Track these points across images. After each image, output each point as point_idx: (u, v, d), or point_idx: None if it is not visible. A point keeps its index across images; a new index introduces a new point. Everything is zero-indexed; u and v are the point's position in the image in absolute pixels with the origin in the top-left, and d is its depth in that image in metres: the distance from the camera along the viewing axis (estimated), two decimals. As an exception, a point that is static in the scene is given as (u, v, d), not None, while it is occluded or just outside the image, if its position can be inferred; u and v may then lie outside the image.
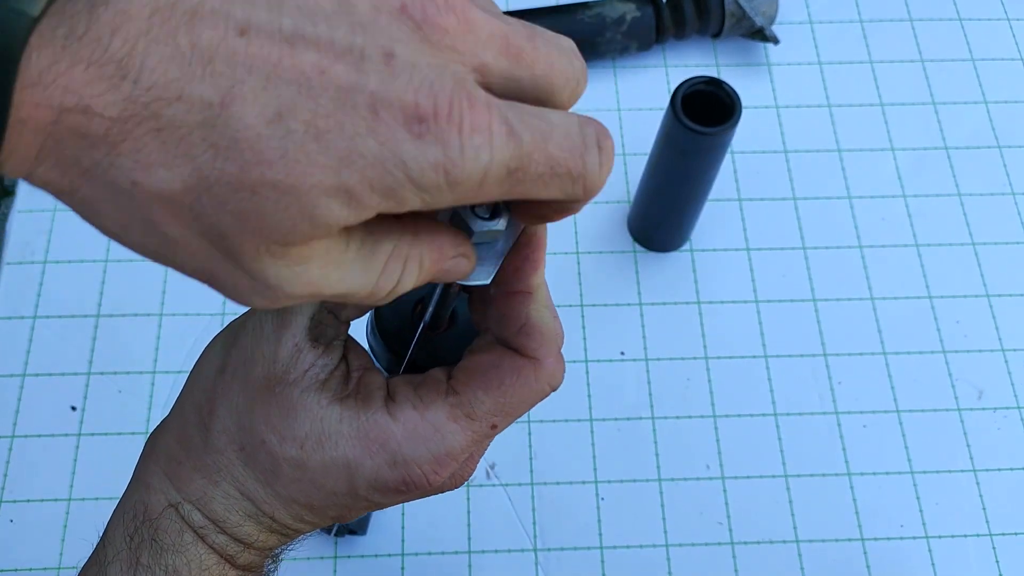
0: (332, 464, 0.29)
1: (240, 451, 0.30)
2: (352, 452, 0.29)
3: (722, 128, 0.59)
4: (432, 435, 0.30)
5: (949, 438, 0.67)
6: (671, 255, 0.73)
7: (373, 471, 0.30)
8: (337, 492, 0.30)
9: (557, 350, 0.32)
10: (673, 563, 0.63)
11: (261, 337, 0.30)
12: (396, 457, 0.29)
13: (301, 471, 0.30)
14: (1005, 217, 0.75)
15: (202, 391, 0.31)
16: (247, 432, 0.30)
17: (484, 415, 0.30)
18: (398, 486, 0.30)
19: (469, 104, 0.22)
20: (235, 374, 0.30)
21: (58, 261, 0.71)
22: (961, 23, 0.84)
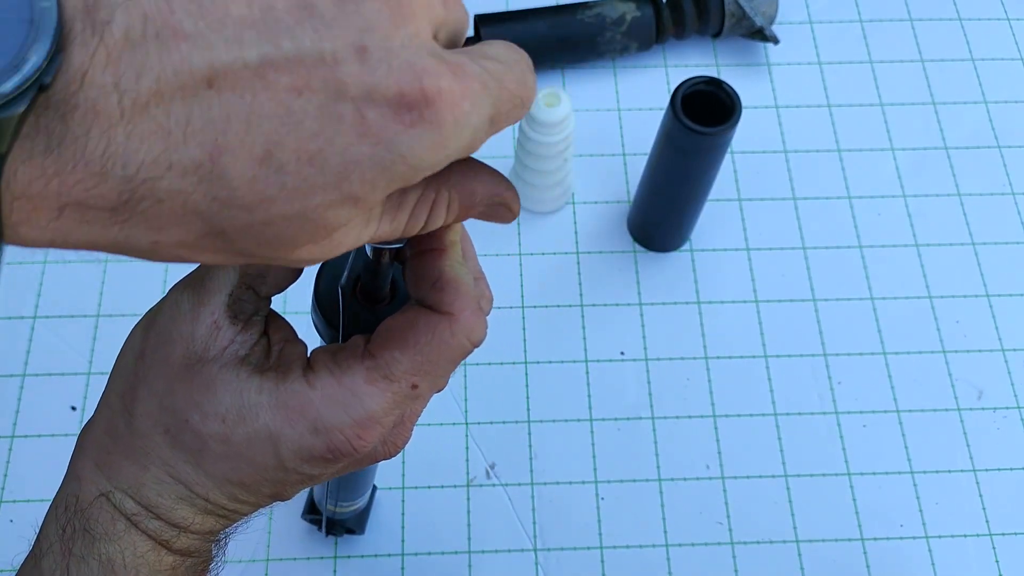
0: (255, 436, 0.29)
1: (165, 433, 0.30)
2: (273, 422, 0.29)
3: (722, 128, 0.59)
4: (350, 399, 0.29)
5: (949, 438, 0.67)
6: (671, 255, 0.73)
7: (296, 440, 0.29)
8: (265, 466, 0.30)
9: (475, 305, 0.30)
10: (673, 563, 0.63)
11: (178, 316, 0.30)
12: (317, 424, 0.29)
13: (226, 446, 0.29)
14: (1005, 217, 0.75)
15: (123, 379, 0.31)
16: (170, 413, 0.30)
17: (402, 375, 0.30)
18: (323, 454, 0.30)
19: (451, 74, 0.22)
20: (154, 356, 0.30)
21: (58, 261, 0.71)
22: (961, 23, 0.84)
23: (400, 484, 0.64)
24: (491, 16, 0.76)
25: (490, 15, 0.76)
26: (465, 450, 0.66)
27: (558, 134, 0.66)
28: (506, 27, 0.75)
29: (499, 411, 0.67)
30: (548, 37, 0.76)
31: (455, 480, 0.65)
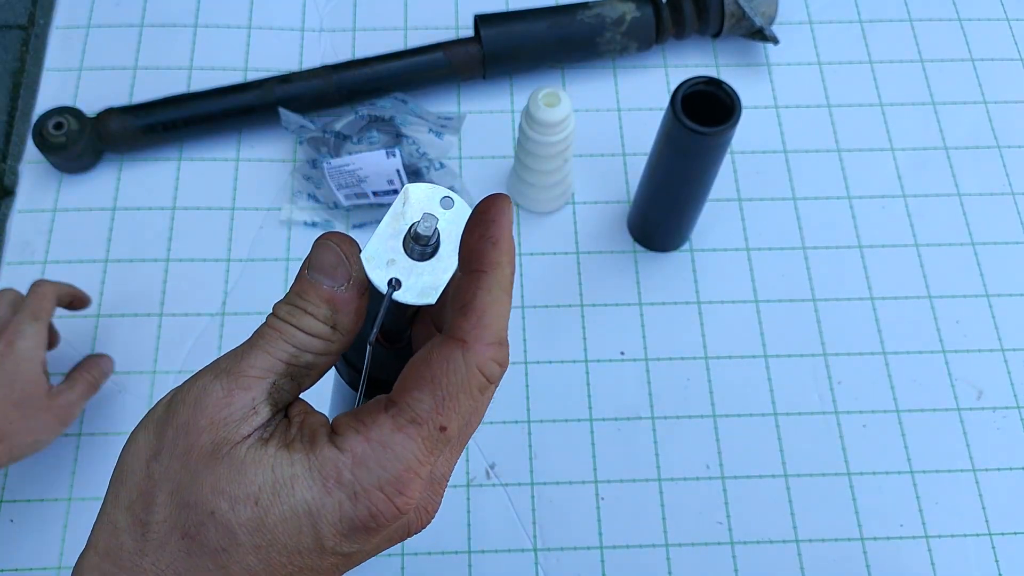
0: (292, 514, 0.28)
1: (184, 538, 0.28)
2: (310, 494, 0.28)
3: (722, 128, 0.59)
4: (382, 453, 0.28)
5: (949, 438, 0.67)
6: (671, 255, 0.73)
7: (335, 510, 0.28)
8: (301, 549, 0.28)
9: (495, 337, 0.29)
10: (673, 563, 0.63)
11: (207, 404, 0.29)
12: (355, 488, 0.28)
13: (259, 533, 0.28)
14: (1005, 217, 0.76)
15: (134, 487, 0.29)
16: (192, 510, 0.28)
17: (427, 416, 0.28)
18: (366, 521, 0.28)
19: None
20: (172, 452, 0.29)
21: (58, 261, 0.71)
22: (961, 23, 0.84)
23: (400, 484, 0.64)
24: (491, 16, 0.76)
25: (490, 15, 0.76)
26: (465, 450, 0.66)
27: (558, 134, 0.66)
28: (506, 27, 0.75)
29: (499, 411, 0.67)
30: (548, 37, 0.76)
31: (455, 480, 0.65)
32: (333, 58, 0.79)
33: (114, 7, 0.82)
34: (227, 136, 0.76)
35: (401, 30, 0.82)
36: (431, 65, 0.75)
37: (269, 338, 0.30)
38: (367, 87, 0.75)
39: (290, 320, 0.30)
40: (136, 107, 0.74)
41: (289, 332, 0.30)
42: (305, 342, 0.30)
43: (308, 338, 0.30)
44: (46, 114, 0.72)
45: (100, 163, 0.75)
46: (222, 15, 0.81)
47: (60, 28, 0.81)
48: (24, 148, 0.76)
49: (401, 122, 0.73)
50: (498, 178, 0.75)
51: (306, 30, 0.81)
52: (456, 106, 0.78)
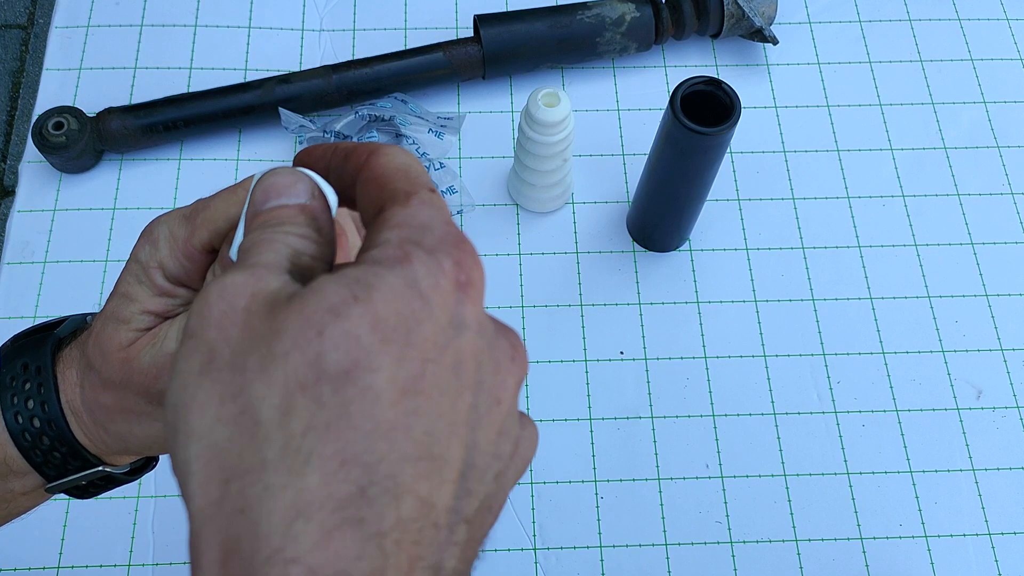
0: (393, 291, 0.24)
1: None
2: (394, 269, 0.25)
3: (721, 128, 0.59)
4: (431, 207, 0.26)
5: (948, 437, 0.67)
6: (670, 255, 0.73)
7: (425, 271, 0.25)
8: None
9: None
10: (672, 562, 0.63)
11: (236, 289, 0.25)
12: (424, 246, 0.25)
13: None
14: (1004, 217, 0.76)
15: (280, 417, 0.24)
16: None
17: (424, 181, 0.27)
18: (455, 275, 0.25)
19: None
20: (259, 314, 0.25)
21: (58, 261, 0.71)
22: (960, 23, 0.84)
23: (400, 483, 0.64)
24: (491, 16, 0.76)
25: (490, 15, 0.76)
26: (465, 450, 0.66)
27: (557, 134, 0.66)
28: (506, 27, 0.76)
29: (499, 411, 0.67)
30: (548, 37, 0.76)
31: (455, 479, 0.65)
32: (333, 58, 0.79)
33: (114, 7, 0.82)
34: (227, 136, 0.76)
35: (401, 30, 0.82)
36: (431, 65, 0.75)
37: (267, 241, 0.27)
38: (367, 87, 0.75)
39: (277, 229, 0.27)
40: (136, 107, 0.74)
41: (279, 235, 0.27)
42: (300, 243, 0.27)
43: (300, 240, 0.27)
44: (46, 114, 0.72)
45: (100, 163, 0.75)
46: (222, 15, 0.81)
47: (60, 28, 0.81)
48: (24, 148, 0.76)
49: (401, 122, 0.73)
50: (498, 178, 0.75)
51: (306, 30, 0.81)
52: (456, 106, 0.79)
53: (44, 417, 0.35)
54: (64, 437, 0.35)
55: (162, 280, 0.34)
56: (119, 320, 0.34)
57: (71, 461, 0.36)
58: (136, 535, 0.62)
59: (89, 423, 0.36)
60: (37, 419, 0.35)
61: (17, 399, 0.35)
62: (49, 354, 0.36)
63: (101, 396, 0.34)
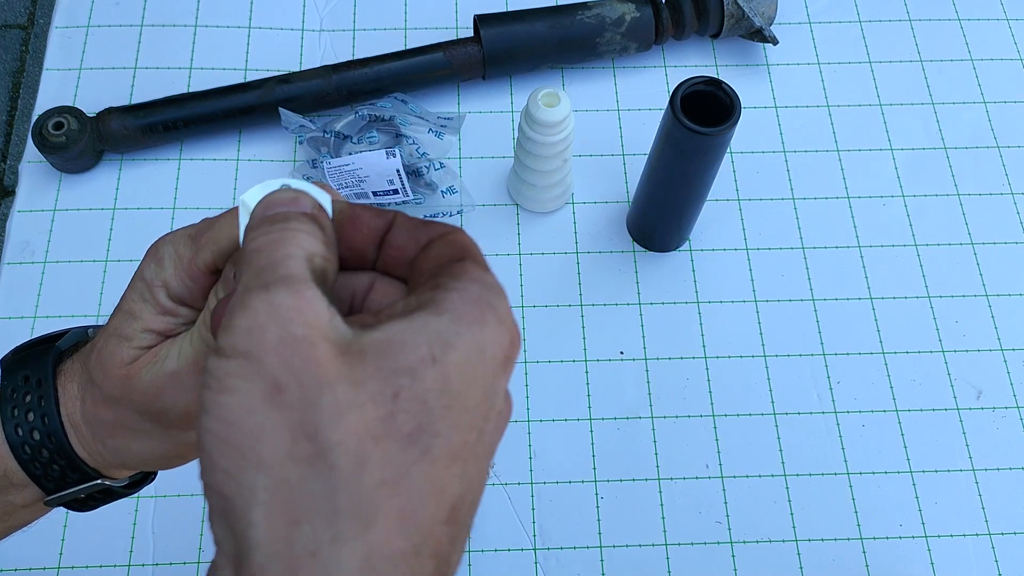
0: (467, 355, 0.26)
1: (377, 443, 0.25)
2: (472, 331, 0.26)
3: (721, 128, 0.59)
4: (486, 281, 0.28)
5: (948, 437, 0.67)
6: (670, 255, 0.73)
7: (495, 337, 0.26)
8: (476, 404, 0.26)
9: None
10: (672, 562, 0.63)
11: (286, 315, 0.25)
12: (497, 313, 0.27)
13: (446, 390, 0.25)
14: (1004, 217, 0.76)
15: (276, 448, 0.24)
16: (369, 406, 0.25)
17: (483, 261, 0.29)
18: (510, 346, 0.27)
19: None
20: (293, 373, 0.25)
21: (58, 261, 0.71)
22: (960, 23, 0.84)
23: (400, 483, 0.64)
24: (491, 16, 0.76)
25: (490, 15, 0.76)
26: (465, 450, 0.66)
27: (558, 134, 0.66)
28: (506, 27, 0.76)
29: (499, 411, 0.67)
30: (548, 37, 0.76)
31: (455, 479, 0.65)
32: (333, 58, 0.79)
33: (114, 7, 0.82)
34: (227, 136, 0.76)
35: (401, 30, 0.82)
36: (431, 65, 0.75)
37: (280, 248, 0.27)
38: (367, 87, 0.75)
39: (282, 227, 0.27)
40: (136, 107, 0.74)
41: (288, 236, 0.27)
42: (309, 243, 0.27)
43: (309, 238, 0.27)
44: (46, 114, 0.72)
45: (100, 163, 0.75)
46: (222, 15, 0.81)
47: (60, 28, 0.81)
48: (24, 148, 0.76)
49: (401, 122, 0.73)
50: (498, 178, 0.75)
51: (306, 30, 0.81)
52: (456, 106, 0.79)
53: (44, 430, 0.35)
54: (63, 450, 0.35)
55: (165, 299, 0.34)
56: (121, 337, 0.34)
57: (70, 474, 0.36)
58: (136, 535, 0.62)
59: (88, 437, 0.36)
60: (37, 432, 0.35)
61: (18, 411, 0.35)
62: (50, 367, 0.36)
63: (101, 411, 0.35)
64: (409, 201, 0.71)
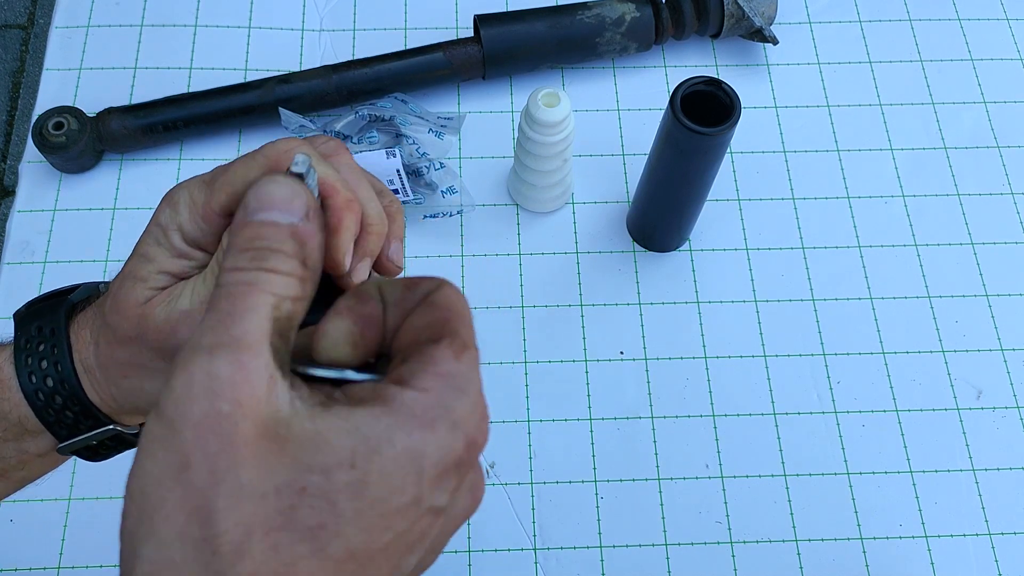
0: (395, 465, 0.25)
1: (267, 533, 0.24)
2: (412, 439, 0.25)
3: (721, 128, 0.59)
4: (457, 382, 0.26)
5: (948, 438, 0.67)
6: (670, 255, 0.73)
7: (437, 447, 0.26)
8: (401, 507, 0.25)
9: (439, 278, 0.29)
10: (672, 562, 0.63)
11: (221, 387, 0.25)
12: (452, 418, 0.26)
13: (360, 495, 0.25)
14: (1004, 217, 0.76)
15: (175, 512, 0.24)
16: (273, 497, 0.25)
17: (472, 340, 0.28)
18: (462, 454, 0.26)
19: None
20: (207, 452, 0.25)
21: (58, 261, 0.71)
22: (960, 23, 0.84)
23: (400, 484, 0.64)
24: (491, 16, 0.76)
25: (490, 15, 0.76)
26: (465, 450, 0.66)
27: (558, 134, 0.66)
28: (505, 27, 0.76)
29: (499, 410, 0.67)
30: (548, 37, 0.76)
31: (455, 480, 0.65)
32: (333, 58, 0.79)
33: (114, 7, 0.82)
34: (227, 136, 0.76)
35: (401, 30, 0.82)
36: (431, 65, 0.75)
37: (246, 296, 0.26)
38: (367, 87, 0.75)
39: (259, 266, 0.26)
40: (136, 107, 0.74)
41: (262, 280, 0.26)
42: (282, 287, 0.27)
43: (284, 280, 0.27)
44: (46, 114, 0.72)
45: (100, 163, 0.75)
46: (222, 15, 0.81)
47: (60, 28, 0.81)
48: (24, 148, 0.76)
49: (401, 122, 0.73)
50: (498, 178, 0.75)
51: (306, 30, 0.81)
52: (456, 106, 0.79)
53: (57, 376, 0.36)
54: (76, 396, 0.36)
55: (180, 242, 0.35)
56: (136, 279, 0.35)
57: (83, 420, 0.37)
58: (136, 535, 0.62)
59: (102, 380, 0.36)
60: (50, 378, 0.36)
61: (31, 360, 0.36)
62: (63, 317, 0.37)
63: (117, 352, 0.36)
64: (409, 201, 0.71)
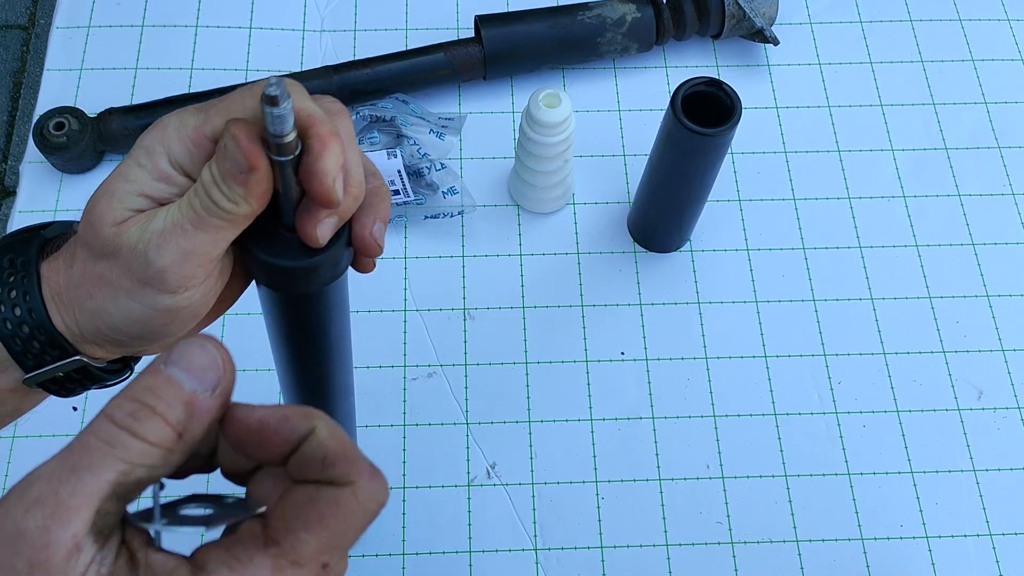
0: None
1: None
2: None
3: (722, 129, 0.59)
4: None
5: (949, 438, 0.67)
6: (671, 255, 0.73)
7: None
8: None
9: (370, 466, 0.28)
10: (673, 562, 0.63)
11: (22, 545, 0.25)
12: None
13: None
14: (1005, 217, 0.76)
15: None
16: None
17: (312, 556, 0.27)
18: None
19: None
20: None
21: (59, 261, 0.71)
22: (961, 23, 0.84)
23: (401, 484, 0.64)
24: (492, 17, 0.76)
25: (491, 16, 0.76)
26: (466, 450, 0.66)
27: (558, 135, 0.66)
28: (506, 28, 0.76)
29: (499, 411, 0.67)
30: (548, 38, 0.76)
31: (456, 480, 0.65)
32: (334, 58, 0.79)
33: (115, 7, 0.82)
34: (228, 136, 0.76)
35: (402, 31, 0.82)
36: (432, 66, 0.76)
37: (97, 455, 0.26)
38: (368, 88, 0.75)
39: (130, 426, 0.26)
40: (137, 107, 0.74)
41: (124, 444, 0.26)
42: (142, 455, 0.26)
43: (147, 449, 0.26)
44: (47, 114, 0.72)
45: (101, 163, 0.75)
46: (223, 15, 0.82)
47: (61, 28, 0.81)
48: (25, 148, 0.76)
49: (402, 123, 0.73)
50: (499, 179, 0.75)
51: (307, 31, 0.81)
52: (457, 107, 0.79)
53: (25, 306, 0.36)
54: (43, 326, 0.36)
55: (165, 164, 0.34)
56: (114, 196, 0.35)
57: (49, 351, 0.37)
58: (137, 535, 0.62)
59: (69, 303, 0.37)
60: (18, 307, 0.36)
61: (2, 290, 0.36)
62: (35, 250, 0.38)
63: (88, 267, 0.36)
64: (411, 201, 0.71)
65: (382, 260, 0.70)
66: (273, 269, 0.34)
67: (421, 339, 0.69)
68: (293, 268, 0.34)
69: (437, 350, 0.69)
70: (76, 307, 0.36)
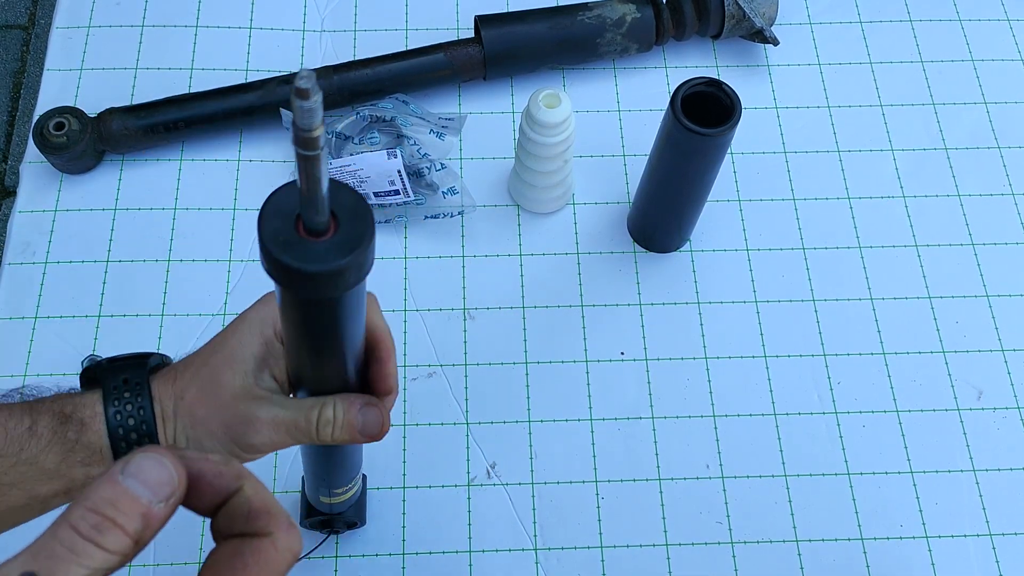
0: None
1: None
2: None
3: (722, 129, 0.59)
4: None
5: (948, 438, 0.67)
6: (671, 255, 0.73)
7: None
8: None
9: (286, 518, 0.31)
10: (673, 562, 0.63)
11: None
12: None
13: None
14: (1004, 217, 0.76)
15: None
16: None
17: None
18: None
19: None
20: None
21: (58, 261, 0.71)
22: (961, 24, 0.84)
23: (401, 484, 0.64)
24: (492, 17, 0.76)
25: (491, 16, 0.76)
26: (466, 450, 0.66)
27: (558, 135, 0.66)
28: (506, 28, 0.76)
29: (500, 411, 0.67)
30: (548, 38, 0.76)
31: (456, 480, 0.65)
32: (334, 59, 0.79)
33: (115, 7, 0.82)
34: (228, 136, 0.76)
35: (402, 31, 0.82)
36: (432, 66, 0.76)
37: (61, 563, 0.27)
38: (368, 88, 0.75)
39: (92, 537, 0.27)
40: (137, 107, 0.74)
41: (89, 554, 0.27)
42: (103, 562, 0.27)
43: (108, 556, 0.27)
44: (47, 114, 0.72)
45: (101, 163, 0.75)
46: (223, 15, 0.82)
47: (61, 28, 0.81)
48: (25, 148, 0.76)
49: (402, 123, 0.73)
50: (499, 179, 0.75)
51: (307, 31, 0.81)
52: (457, 107, 0.79)
53: (139, 417, 0.43)
54: (152, 436, 0.43)
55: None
56: (244, 376, 0.43)
57: None
58: (137, 535, 0.62)
59: (174, 428, 0.44)
60: (132, 418, 0.43)
61: (118, 403, 0.43)
62: (146, 374, 0.45)
63: (196, 408, 0.43)
64: (411, 202, 0.71)
65: (382, 260, 0.71)
66: (300, 275, 0.34)
67: (421, 339, 0.69)
68: (319, 273, 0.34)
69: (437, 350, 0.69)
70: (179, 434, 0.44)
